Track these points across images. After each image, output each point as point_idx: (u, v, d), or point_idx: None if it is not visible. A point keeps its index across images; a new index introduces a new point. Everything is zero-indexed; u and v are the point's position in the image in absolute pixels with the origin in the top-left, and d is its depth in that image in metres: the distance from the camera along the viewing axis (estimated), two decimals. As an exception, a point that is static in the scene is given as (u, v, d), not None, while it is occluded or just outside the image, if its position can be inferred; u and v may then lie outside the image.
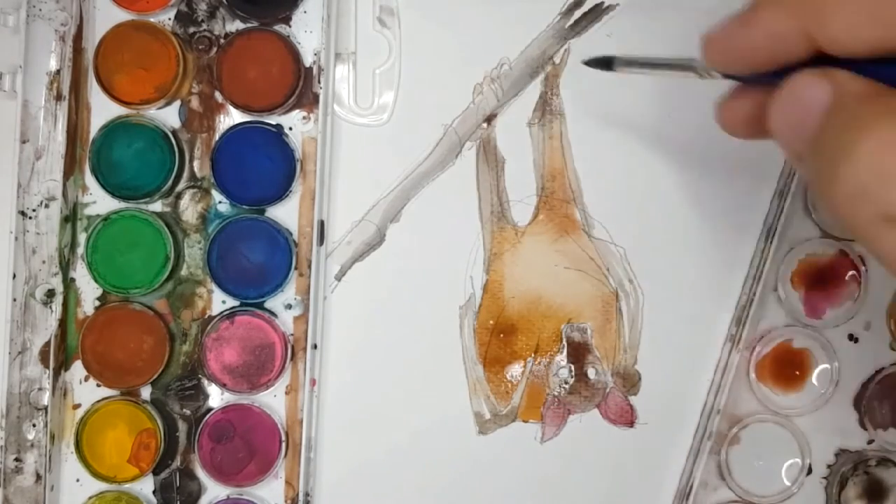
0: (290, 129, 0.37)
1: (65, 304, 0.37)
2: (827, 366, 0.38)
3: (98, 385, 0.38)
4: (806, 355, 0.38)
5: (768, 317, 0.38)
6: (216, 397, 0.38)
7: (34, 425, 0.37)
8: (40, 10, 0.36)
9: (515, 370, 0.39)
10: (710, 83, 0.28)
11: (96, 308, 0.38)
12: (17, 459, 0.37)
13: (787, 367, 0.38)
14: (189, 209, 0.38)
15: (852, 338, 0.38)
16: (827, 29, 0.22)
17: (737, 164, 0.38)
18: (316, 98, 0.37)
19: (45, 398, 0.37)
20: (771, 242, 0.37)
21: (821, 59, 0.23)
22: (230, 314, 0.37)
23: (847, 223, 0.21)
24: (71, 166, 0.37)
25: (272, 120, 0.37)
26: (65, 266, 0.37)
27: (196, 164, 0.38)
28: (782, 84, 0.23)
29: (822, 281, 0.38)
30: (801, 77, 0.23)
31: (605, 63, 0.33)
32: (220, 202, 0.38)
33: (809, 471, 0.38)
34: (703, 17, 0.37)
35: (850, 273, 0.38)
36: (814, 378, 0.38)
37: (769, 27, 0.23)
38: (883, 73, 0.22)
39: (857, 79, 0.22)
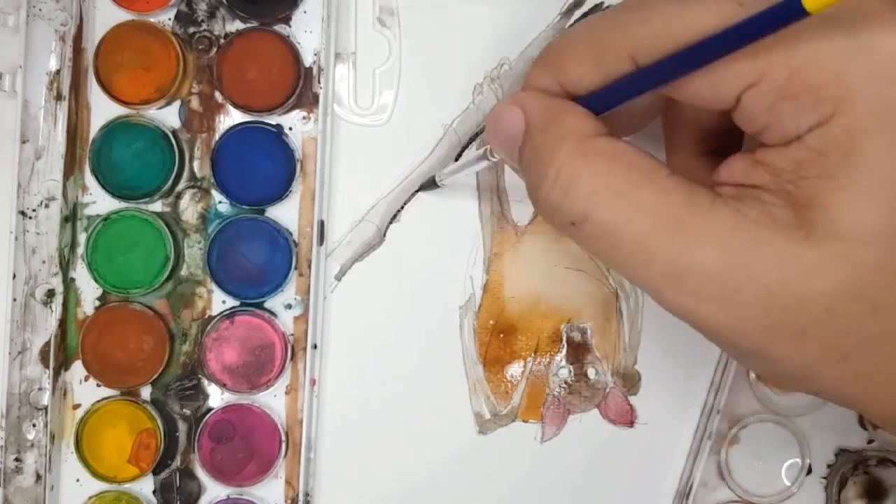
0: (290, 129, 0.37)
1: (65, 304, 0.37)
2: (827, 366, 0.38)
3: (98, 385, 0.38)
4: (806, 355, 0.38)
5: (768, 317, 0.38)
6: (216, 397, 0.38)
7: (34, 425, 0.37)
8: (40, 10, 0.36)
9: (515, 370, 0.39)
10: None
11: (96, 308, 0.38)
12: (17, 459, 0.37)
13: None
14: (189, 209, 0.38)
15: (852, 338, 0.38)
16: (568, 76, 0.26)
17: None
18: (316, 98, 0.37)
19: (45, 398, 0.37)
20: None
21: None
22: (230, 314, 0.37)
23: (551, 225, 0.27)
24: (71, 166, 0.37)
25: (272, 120, 0.37)
26: (65, 266, 0.37)
27: (196, 164, 0.38)
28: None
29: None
30: (499, 105, 0.28)
31: (431, 184, 0.37)
32: (220, 202, 0.38)
33: (809, 470, 0.38)
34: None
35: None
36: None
37: (535, 85, 0.27)
38: (606, 99, 0.26)
39: (539, 101, 0.27)
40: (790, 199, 0.23)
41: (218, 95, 0.37)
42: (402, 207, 0.38)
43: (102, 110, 0.37)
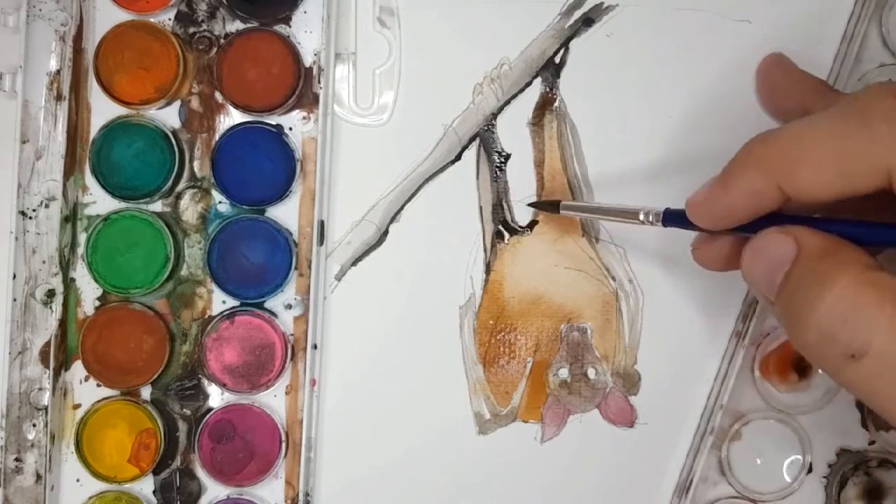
0: (290, 129, 0.38)
1: (65, 304, 0.37)
2: (829, 365, 0.38)
3: (98, 385, 0.38)
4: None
5: (773, 315, 0.38)
6: (216, 397, 0.38)
7: (34, 425, 0.37)
8: (40, 10, 0.36)
9: (515, 370, 0.39)
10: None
11: (96, 308, 0.38)
12: (17, 459, 0.37)
13: (791, 365, 0.38)
14: (189, 209, 0.38)
15: (855, 337, 0.38)
16: (797, 184, 0.25)
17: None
18: (316, 98, 0.37)
19: (46, 398, 0.37)
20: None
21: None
22: (230, 314, 0.37)
23: (815, 361, 0.25)
24: (71, 166, 0.37)
25: (272, 120, 0.37)
26: (65, 266, 0.37)
27: (196, 164, 0.38)
28: (750, 241, 0.27)
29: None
30: (766, 235, 0.26)
31: (552, 205, 0.37)
32: (220, 202, 0.38)
33: (810, 469, 0.38)
34: (703, 18, 0.38)
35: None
36: (818, 377, 0.38)
37: (745, 187, 0.26)
38: (838, 227, 0.25)
39: (815, 234, 0.25)
40: None
41: (218, 95, 0.38)
42: (402, 207, 0.38)
43: (102, 110, 0.37)
